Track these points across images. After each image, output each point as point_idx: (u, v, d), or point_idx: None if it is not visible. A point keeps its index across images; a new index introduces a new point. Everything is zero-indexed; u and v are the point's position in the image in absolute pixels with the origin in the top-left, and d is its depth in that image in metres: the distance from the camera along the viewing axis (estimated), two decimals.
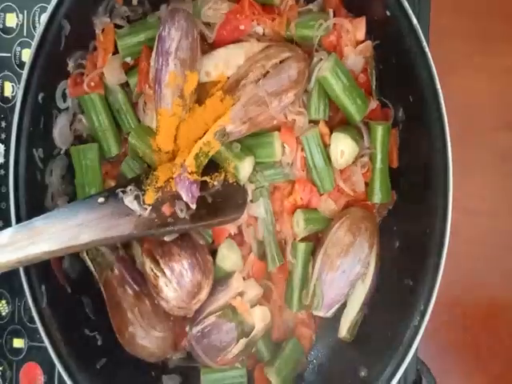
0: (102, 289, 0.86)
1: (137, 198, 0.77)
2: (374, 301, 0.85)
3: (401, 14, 0.75)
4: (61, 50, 0.81)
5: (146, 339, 0.83)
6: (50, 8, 0.76)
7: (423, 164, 0.80)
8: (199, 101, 0.83)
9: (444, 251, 0.75)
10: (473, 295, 1.04)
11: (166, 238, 0.81)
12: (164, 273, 0.80)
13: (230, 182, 0.84)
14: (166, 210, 0.78)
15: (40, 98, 0.80)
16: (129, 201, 0.77)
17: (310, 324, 0.93)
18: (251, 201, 0.87)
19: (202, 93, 0.84)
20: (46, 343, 0.75)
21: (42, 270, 0.78)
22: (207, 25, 0.86)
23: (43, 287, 0.78)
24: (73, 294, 0.85)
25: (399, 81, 0.82)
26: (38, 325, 0.75)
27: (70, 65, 0.84)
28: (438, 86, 0.74)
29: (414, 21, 0.74)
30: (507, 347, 1.04)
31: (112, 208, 0.76)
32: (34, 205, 0.80)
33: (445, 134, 0.75)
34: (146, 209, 0.77)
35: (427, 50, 0.74)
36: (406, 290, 0.80)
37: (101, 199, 0.76)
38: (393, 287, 0.84)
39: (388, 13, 0.77)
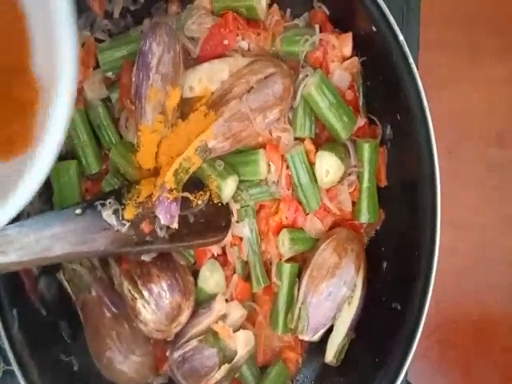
0: (79, 311, 0.83)
1: (116, 212, 0.75)
2: (361, 325, 0.83)
3: (387, 29, 0.73)
4: None
5: (124, 364, 0.80)
6: None
7: (411, 183, 0.78)
8: (183, 116, 0.81)
9: (432, 274, 0.73)
10: (463, 312, 1.02)
11: (145, 258, 0.78)
12: (142, 294, 0.77)
13: (215, 202, 0.82)
14: (145, 227, 0.76)
15: None
16: (107, 215, 0.74)
17: (297, 347, 0.90)
18: (236, 221, 0.84)
19: (185, 108, 0.82)
20: (15, 369, 0.71)
21: (14, 292, 0.75)
22: (191, 39, 0.84)
23: (14, 311, 0.75)
24: (48, 317, 0.81)
25: (387, 98, 0.80)
26: (8, 350, 0.71)
27: None
28: (426, 104, 0.73)
29: (401, 37, 0.72)
30: (499, 364, 1.01)
31: (89, 221, 0.73)
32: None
33: (432, 154, 0.73)
34: (125, 224, 0.74)
35: (414, 67, 0.72)
36: (393, 314, 0.78)
37: (78, 210, 0.73)
38: (380, 311, 0.81)
39: (374, 28, 0.75)
